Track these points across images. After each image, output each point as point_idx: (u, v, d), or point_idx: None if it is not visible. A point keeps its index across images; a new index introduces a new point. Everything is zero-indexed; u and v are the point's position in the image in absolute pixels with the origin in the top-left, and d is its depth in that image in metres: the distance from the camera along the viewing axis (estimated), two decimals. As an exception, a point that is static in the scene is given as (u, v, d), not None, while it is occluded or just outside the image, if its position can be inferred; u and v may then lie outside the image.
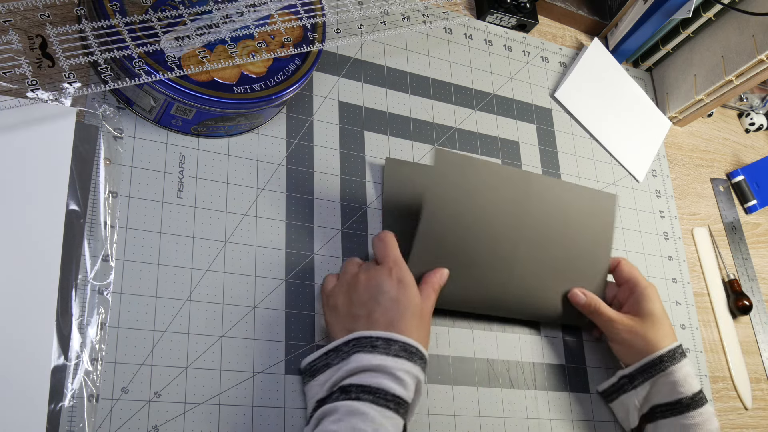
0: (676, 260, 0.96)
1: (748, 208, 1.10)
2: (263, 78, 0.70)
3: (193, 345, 0.64)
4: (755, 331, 1.00)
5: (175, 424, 0.61)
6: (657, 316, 0.77)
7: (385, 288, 0.65)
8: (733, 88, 0.98)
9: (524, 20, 0.97)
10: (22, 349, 0.58)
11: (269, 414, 0.65)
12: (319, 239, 0.74)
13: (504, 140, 0.90)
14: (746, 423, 0.92)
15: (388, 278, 0.65)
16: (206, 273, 0.67)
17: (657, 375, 0.75)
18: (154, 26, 0.66)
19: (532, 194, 0.77)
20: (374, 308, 0.64)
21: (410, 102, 0.86)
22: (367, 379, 0.60)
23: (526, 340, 0.80)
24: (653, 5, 0.95)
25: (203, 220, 0.69)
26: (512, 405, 0.76)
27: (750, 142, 1.18)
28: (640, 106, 1.04)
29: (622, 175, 0.98)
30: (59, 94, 0.66)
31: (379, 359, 0.61)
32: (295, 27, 0.74)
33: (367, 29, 0.86)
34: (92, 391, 0.59)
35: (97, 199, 0.65)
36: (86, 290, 0.62)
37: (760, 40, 0.92)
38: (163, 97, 0.66)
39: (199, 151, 0.71)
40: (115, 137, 0.68)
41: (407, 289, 0.66)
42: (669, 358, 0.75)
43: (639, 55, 1.08)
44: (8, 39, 0.60)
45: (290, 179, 0.75)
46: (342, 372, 0.61)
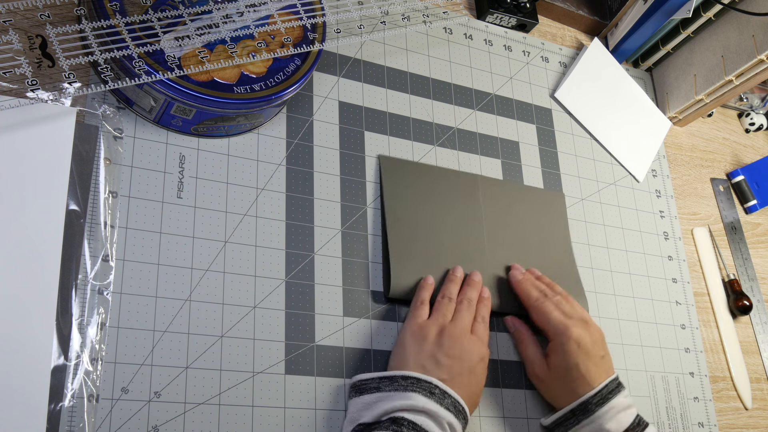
0: (676, 260, 0.96)
1: (748, 208, 1.10)
2: (263, 78, 0.70)
3: (193, 345, 0.64)
4: (755, 331, 1.00)
5: (175, 424, 0.61)
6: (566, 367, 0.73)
7: (474, 357, 0.69)
8: (733, 88, 0.98)
9: (524, 20, 0.97)
10: (22, 349, 0.58)
11: (269, 414, 0.65)
12: (319, 239, 0.74)
13: (504, 140, 0.90)
14: (746, 423, 0.92)
15: (480, 348, 0.70)
16: (206, 273, 0.67)
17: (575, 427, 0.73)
18: (154, 26, 0.66)
19: (482, 196, 0.83)
20: (456, 365, 0.68)
21: (410, 102, 0.86)
22: (419, 419, 0.62)
23: (526, 340, 0.80)
24: (653, 5, 0.95)
25: (203, 220, 0.69)
26: (512, 405, 0.76)
27: (750, 142, 1.18)
28: (640, 106, 1.04)
29: (622, 175, 0.98)
30: (59, 94, 0.66)
31: (434, 406, 0.64)
32: (295, 27, 0.74)
33: (367, 29, 0.86)
34: (92, 391, 0.59)
35: (97, 199, 0.65)
36: (86, 290, 0.62)
37: (760, 40, 0.92)
38: (163, 97, 0.66)
39: (199, 151, 0.71)
40: (115, 137, 0.68)
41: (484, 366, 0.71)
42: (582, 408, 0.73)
43: (639, 55, 1.08)
44: (8, 39, 0.60)
45: (290, 179, 0.75)
46: (397, 404, 0.63)
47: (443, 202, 0.81)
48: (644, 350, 0.88)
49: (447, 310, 0.72)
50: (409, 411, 0.63)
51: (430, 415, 0.64)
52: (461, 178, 0.84)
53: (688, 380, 0.89)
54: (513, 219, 0.84)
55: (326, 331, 0.70)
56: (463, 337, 0.70)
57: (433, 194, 0.81)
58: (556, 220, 0.88)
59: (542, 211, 0.87)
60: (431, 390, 0.65)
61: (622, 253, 0.92)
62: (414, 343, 0.69)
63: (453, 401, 0.66)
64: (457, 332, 0.70)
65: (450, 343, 0.69)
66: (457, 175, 0.84)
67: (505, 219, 0.84)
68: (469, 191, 0.83)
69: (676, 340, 0.91)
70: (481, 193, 0.84)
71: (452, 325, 0.70)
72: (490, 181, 0.85)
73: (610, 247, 0.91)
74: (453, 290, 0.75)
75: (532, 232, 0.85)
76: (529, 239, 0.84)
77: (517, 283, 0.79)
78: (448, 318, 0.72)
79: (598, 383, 0.73)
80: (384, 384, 0.66)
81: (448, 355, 0.68)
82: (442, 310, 0.72)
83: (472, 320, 0.73)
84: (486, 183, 0.85)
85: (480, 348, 0.70)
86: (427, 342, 0.69)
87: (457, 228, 0.80)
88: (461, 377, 0.67)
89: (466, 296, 0.74)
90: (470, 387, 0.68)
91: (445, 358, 0.68)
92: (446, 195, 0.82)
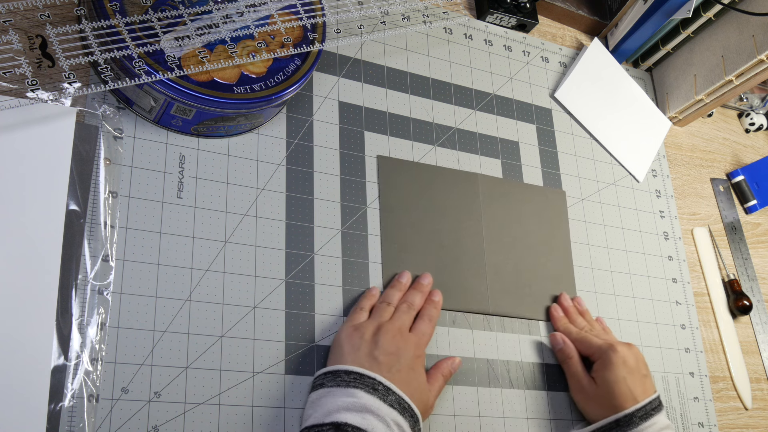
0: (676, 260, 0.96)
1: (748, 208, 1.10)
2: (263, 78, 0.70)
3: (193, 345, 0.64)
4: (755, 331, 1.00)
5: (175, 424, 0.61)
6: (612, 381, 0.75)
7: (409, 354, 0.68)
8: (733, 88, 0.98)
9: (524, 20, 0.97)
10: (22, 349, 0.58)
11: (269, 414, 0.65)
12: (319, 239, 0.74)
13: (504, 140, 0.90)
14: (746, 423, 0.92)
15: (415, 348, 0.69)
16: (206, 273, 0.67)
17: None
18: (154, 26, 0.66)
19: (482, 194, 0.84)
20: (394, 363, 0.66)
21: (410, 102, 0.86)
22: (363, 421, 0.61)
23: (526, 340, 0.80)
24: (653, 5, 0.95)
25: (203, 220, 0.69)
26: (512, 405, 0.76)
27: (750, 142, 1.18)
28: (640, 106, 1.04)
29: (622, 175, 0.98)
30: (59, 94, 0.66)
31: (376, 403, 0.62)
32: (295, 27, 0.74)
33: (367, 29, 0.86)
34: (92, 391, 0.59)
35: (97, 199, 0.65)
36: (86, 290, 0.62)
37: (760, 40, 0.92)
38: (163, 97, 0.66)
39: (199, 151, 0.71)
40: (115, 137, 0.68)
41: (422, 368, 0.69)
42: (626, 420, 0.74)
43: (639, 55, 1.08)
44: (8, 39, 0.60)
45: (290, 179, 0.75)
46: (340, 401, 0.62)
47: (442, 201, 0.81)
48: (644, 350, 0.88)
49: (385, 312, 0.71)
50: (352, 410, 0.61)
51: (374, 413, 0.62)
52: (461, 177, 0.84)
53: (688, 380, 0.89)
54: (513, 217, 0.84)
55: (326, 331, 0.70)
56: (398, 334, 0.68)
57: (431, 193, 0.81)
58: (556, 218, 0.88)
59: (542, 208, 0.87)
60: (374, 386, 0.63)
61: (622, 253, 0.92)
62: (349, 342, 0.67)
63: (397, 398, 0.64)
64: (392, 329, 0.68)
65: (386, 340, 0.67)
66: (457, 174, 0.84)
67: (505, 217, 0.84)
68: (469, 190, 0.83)
69: (676, 340, 0.91)
70: (481, 191, 0.84)
71: (389, 323, 0.69)
72: (491, 180, 0.85)
73: (610, 247, 0.91)
74: (394, 296, 0.73)
75: (532, 230, 0.85)
76: (528, 237, 0.84)
77: (555, 321, 0.83)
78: (384, 318, 0.70)
79: (642, 399, 0.75)
80: (327, 379, 0.65)
81: (386, 352, 0.66)
82: (379, 312, 0.71)
83: (411, 321, 0.72)
84: (486, 181, 0.85)
85: (415, 347, 0.69)
86: (364, 341, 0.67)
87: (455, 226, 0.81)
88: (400, 374, 0.66)
89: (407, 300, 0.73)
90: (411, 384, 0.66)
91: (382, 355, 0.66)
92: (445, 194, 0.82)
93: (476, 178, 0.84)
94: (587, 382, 0.78)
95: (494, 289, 0.79)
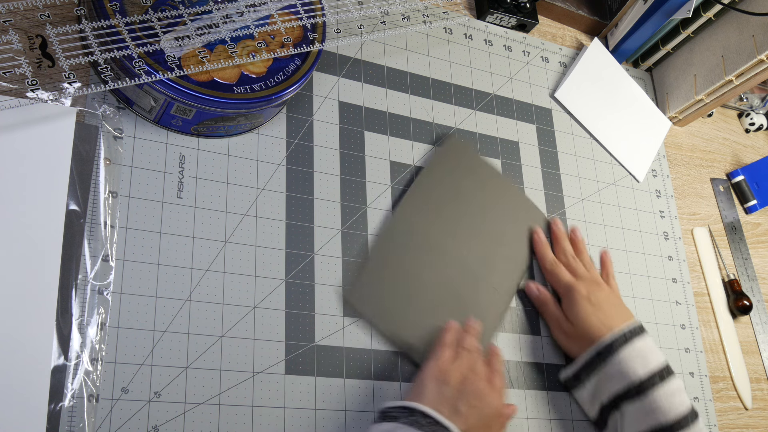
0: (676, 260, 0.96)
1: (748, 208, 1.10)
2: (263, 78, 0.70)
3: (193, 345, 0.64)
4: (755, 331, 1.00)
5: (175, 424, 0.61)
6: (582, 317, 0.77)
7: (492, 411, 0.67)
8: (733, 88, 0.98)
9: (524, 20, 0.97)
10: (22, 349, 0.58)
11: (269, 414, 0.65)
12: (319, 239, 0.74)
13: (504, 140, 0.90)
14: (746, 423, 0.92)
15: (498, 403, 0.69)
16: (206, 273, 0.67)
17: (600, 368, 0.75)
18: (154, 26, 0.66)
19: (494, 197, 0.84)
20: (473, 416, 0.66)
21: (410, 102, 0.86)
22: None
23: (526, 340, 0.80)
24: (653, 5, 0.95)
25: (203, 220, 0.69)
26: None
27: (750, 142, 1.18)
28: (640, 106, 1.04)
29: (622, 175, 0.98)
30: (59, 94, 0.66)
31: None
32: (295, 27, 0.74)
33: (367, 29, 0.86)
34: (92, 391, 0.59)
35: (97, 199, 0.65)
36: (86, 290, 0.62)
37: (760, 40, 0.92)
38: (163, 97, 0.66)
39: (199, 151, 0.71)
40: (115, 137, 0.68)
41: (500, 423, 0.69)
42: (602, 353, 0.75)
43: (639, 55, 1.08)
44: (8, 39, 0.60)
45: (290, 179, 0.75)
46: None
47: (472, 194, 0.82)
48: (644, 350, 0.88)
49: (466, 359, 0.70)
50: None
51: None
52: (498, 180, 0.85)
53: (688, 380, 0.89)
54: (490, 221, 0.83)
55: (326, 331, 0.70)
56: (485, 388, 0.68)
57: (470, 185, 0.82)
58: (525, 233, 0.85)
59: (521, 219, 0.85)
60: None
61: (622, 253, 0.92)
62: (435, 384, 0.67)
63: None
64: (479, 383, 0.68)
65: (471, 393, 0.67)
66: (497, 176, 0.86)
67: (487, 218, 0.83)
68: (490, 191, 0.84)
69: (676, 340, 0.91)
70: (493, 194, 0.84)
71: (474, 375, 0.68)
72: (514, 189, 0.86)
73: (610, 247, 0.91)
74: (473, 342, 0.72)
75: (501, 235, 0.83)
76: (495, 240, 0.82)
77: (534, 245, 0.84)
78: (465, 368, 0.69)
79: (619, 326, 0.76)
80: (404, 415, 0.63)
81: (469, 405, 0.66)
82: (462, 359, 0.70)
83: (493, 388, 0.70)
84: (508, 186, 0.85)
85: (499, 402, 0.69)
86: (449, 387, 0.66)
87: (460, 221, 0.81)
88: (477, 430, 0.65)
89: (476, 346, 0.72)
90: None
91: (464, 407, 0.65)
92: (477, 189, 0.83)
93: (514, 188, 0.85)
94: (564, 322, 0.79)
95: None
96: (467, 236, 0.80)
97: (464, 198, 0.82)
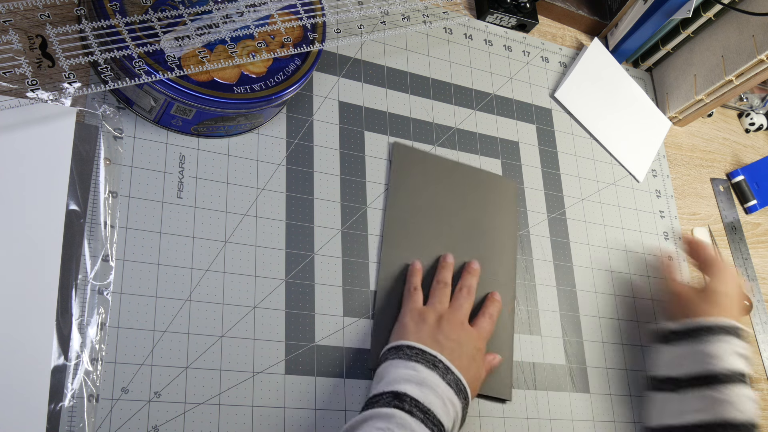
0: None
1: (748, 208, 1.10)
2: (263, 78, 0.70)
3: (193, 345, 0.64)
4: (755, 331, 1.00)
5: (175, 424, 0.61)
6: (719, 293, 0.80)
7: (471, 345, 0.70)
8: (733, 88, 0.98)
9: (524, 20, 0.97)
10: (22, 349, 0.58)
11: (269, 414, 0.65)
12: (319, 239, 0.74)
13: (504, 140, 0.90)
14: (746, 423, 0.92)
15: (477, 340, 0.71)
16: (206, 273, 0.67)
17: (697, 340, 0.77)
18: (154, 26, 0.66)
19: (466, 185, 0.84)
20: (456, 348, 0.68)
21: (410, 102, 0.86)
22: (421, 394, 0.62)
23: (526, 340, 0.80)
24: (653, 5, 0.95)
25: (203, 220, 0.69)
26: (512, 405, 0.76)
27: (750, 142, 1.18)
28: (640, 106, 1.04)
29: (622, 175, 0.98)
30: (59, 94, 0.66)
31: (436, 379, 0.64)
32: (295, 27, 0.74)
33: (367, 29, 0.86)
34: (92, 391, 0.59)
35: (97, 199, 0.65)
36: (86, 290, 0.62)
37: (760, 40, 0.92)
38: (163, 97, 0.66)
39: (199, 151, 0.71)
40: (115, 137, 0.68)
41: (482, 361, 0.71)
42: (714, 330, 0.76)
43: (639, 55, 1.08)
44: (8, 39, 0.60)
45: (290, 179, 0.75)
46: (401, 372, 0.64)
47: (440, 190, 0.82)
48: (644, 350, 0.88)
49: (443, 296, 0.73)
50: (412, 382, 0.63)
51: (432, 389, 0.63)
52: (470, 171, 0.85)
53: (688, 380, 0.89)
54: (466, 204, 0.83)
55: (326, 331, 0.71)
56: (460, 326, 0.71)
57: (434, 183, 0.82)
58: (505, 209, 0.85)
59: (493, 197, 0.85)
60: (434, 363, 0.65)
61: (622, 253, 0.92)
62: (414, 324, 0.70)
63: (455, 378, 0.66)
64: (455, 320, 0.71)
65: (449, 329, 0.69)
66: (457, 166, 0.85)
67: (460, 204, 0.83)
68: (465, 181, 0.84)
69: (676, 340, 0.91)
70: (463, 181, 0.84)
71: (450, 313, 0.71)
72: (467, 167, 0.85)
73: (610, 247, 0.91)
74: (447, 276, 0.75)
75: (481, 219, 0.83)
76: (477, 226, 0.82)
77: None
78: (444, 305, 0.72)
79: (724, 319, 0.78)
80: (390, 353, 0.67)
81: (448, 338, 0.68)
82: (438, 296, 0.73)
83: (470, 308, 0.74)
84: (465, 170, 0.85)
85: (477, 340, 0.71)
86: (427, 324, 0.69)
87: (441, 216, 0.81)
88: (461, 360, 0.67)
89: (466, 283, 0.75)
90: (470, 372, 0.68)
91: (445, 340, 0.68)
92: (444, 184, 0.82)
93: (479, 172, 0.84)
94: (688, 290, 0.82)
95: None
96: (455, 238, 0.80)
97: (437, 201, 0.81)
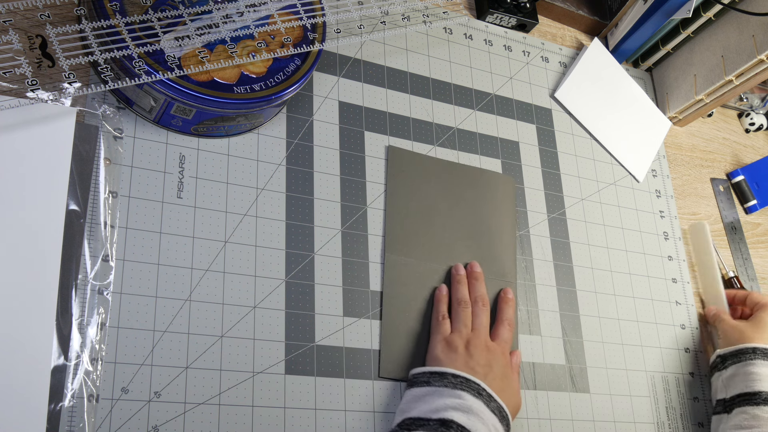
0: (676, 260, 0.96)
1: (748, 208, 1.10)
2: (263, 78, 0.70)
3: (193, 345, 0.64)
4: (755, 331, 1.00)
5: (175, 424, 0.61)
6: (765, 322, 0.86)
7: (500, 364, 0.72)
8: (733, 88, 0.98)
9: (524, 20, 0.97)
10: (22, 349, 0.58)
11: (269, 414, 0.65)
12: (319, 239, 0.74)
13: (504, 140, 0.90)
14: (746, 423, 0.92)
15: (503, 357, 0.73)
16: (206, 273, 0.67)
17: (743, 362, 0.82)
18: (154, 26, 0.66)
19: (464, 185, 0.84)
20: (489, 372, 0.70)
21: (410, 102, 0.86)
22: (468, 422, 0.63)
23: (526, 340, 0.80)
24: (653, 5, 0.95)
25: (203, 220, 0.69)
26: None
27: (750, 142, 1.18)
28: (640, 106, 1.04)
29: (622, 175, 0.98)
30: (59, 94, 0.66)
31: (481, 407, 0.65)
32: (295, 27, 0.74)
33: (367, 29, 0.86)
34: (92, 391, 0.59)
35: (97, 199, 0.65)
36: (86, 290, 0.62)
37: (760, 40, 0.92)
38: (163, 97, 0.66)
39: (199, 151, 0.71)
40: (115, 137, 0.68)
41: (514, 375, 0.74)
42: (758, 352, 0.82)
43: (639, 55, 1.08)
44: (8, 39, 0.60)
45: (290, 179, 0.75)
46: (448, 401, 0.65)
47: (438, 191, 0.81)
48: (644, 350, 0.88)
49: (466, 318, 0.74)
50: (459, 410, 0.64)
51: (479, 416, 0.64)
52: (459, 169, 0.84)
53: (688, 380, 0.89)
54: (468, 203, 0.83)
55: (326, 331, 0.71)
56: (487, 349, 0.72)
57: (432, 184, 0.82)
58: (503, 205, 0.85)
59: (492, 195, 0.85)
60: (479, 391, 0.66)
61: (622, 253, 0.92)
62: (446, 355, 0.71)
63: (498, 406, 0.67)
64: (480, 344, 0.72)
65: (478, 354, 0.71)
66: (456, 167, 0.84)
67: (458, 203, 0.82)
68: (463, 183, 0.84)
69: (676, 340, 0.91)
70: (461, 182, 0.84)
71: (475, 337, 0.72)
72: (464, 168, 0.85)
73: (610, 247, 0.91)
74: (463, 291, 0.76)
75: (480, 216, 0.83)
76: (477, 224, 0.82)
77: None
78: (469, 327, 0.74)
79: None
80: (434, 379, 0.68)
81: (480, 364, 0.70)
82: (462, 319, 0.74)
83: (488, 319, 0.75)
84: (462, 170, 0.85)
85: (502, 356, 0.72)
86: (458, 354, 0.70)
87: (440, 216, 0.81)
88: (494, 382, 0.69)
89: (478, 294, 0.76)
90: (506, 391, 0.70)
91: (477, 366, 0.69)
92: (442, 184, 0.82)
93: (481, 172, 0.84)
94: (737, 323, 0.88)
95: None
96: (455, 238, 0.80)
97: (435, 202, 0.81)
